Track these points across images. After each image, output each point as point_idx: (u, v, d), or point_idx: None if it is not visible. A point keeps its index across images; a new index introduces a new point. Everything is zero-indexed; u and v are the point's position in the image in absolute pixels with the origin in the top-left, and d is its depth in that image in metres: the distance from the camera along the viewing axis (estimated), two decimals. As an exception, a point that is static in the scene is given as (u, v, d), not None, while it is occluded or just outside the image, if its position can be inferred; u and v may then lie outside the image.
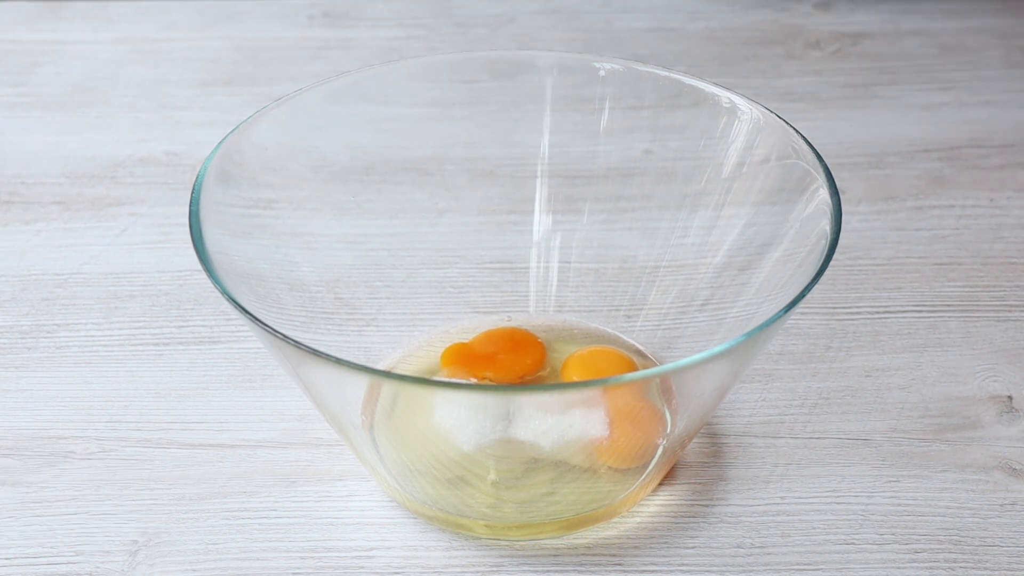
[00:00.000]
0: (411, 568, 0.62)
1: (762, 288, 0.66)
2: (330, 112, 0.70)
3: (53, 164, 0.87)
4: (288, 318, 0.66)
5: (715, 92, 0.69)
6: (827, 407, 0.70)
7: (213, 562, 0.63)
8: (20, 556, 0.63)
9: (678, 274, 0.71)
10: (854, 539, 0.63)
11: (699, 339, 0.69)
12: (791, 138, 0.66)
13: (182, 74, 0.96)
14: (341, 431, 0.63)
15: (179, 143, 0.89)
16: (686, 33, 1.00)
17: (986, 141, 0.89)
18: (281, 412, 0.70)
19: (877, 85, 0.94)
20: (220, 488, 0.66)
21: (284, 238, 0.69)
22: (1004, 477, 0.66)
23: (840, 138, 0.89)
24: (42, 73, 0.96)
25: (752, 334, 0.57)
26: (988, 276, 0.78)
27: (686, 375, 0.59)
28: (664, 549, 0.63)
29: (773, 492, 0.66)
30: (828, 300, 0.76)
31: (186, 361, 0.73)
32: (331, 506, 0.65)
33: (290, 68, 0.97)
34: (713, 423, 0.69)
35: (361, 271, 0.72)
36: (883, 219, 0.82)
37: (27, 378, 0.72)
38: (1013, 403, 0.70)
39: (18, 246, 0.81)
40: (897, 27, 1.00)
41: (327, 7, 1.03)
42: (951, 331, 0.74)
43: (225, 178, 0.65)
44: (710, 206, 0.70)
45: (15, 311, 0.76)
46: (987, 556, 0.63)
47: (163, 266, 0.79)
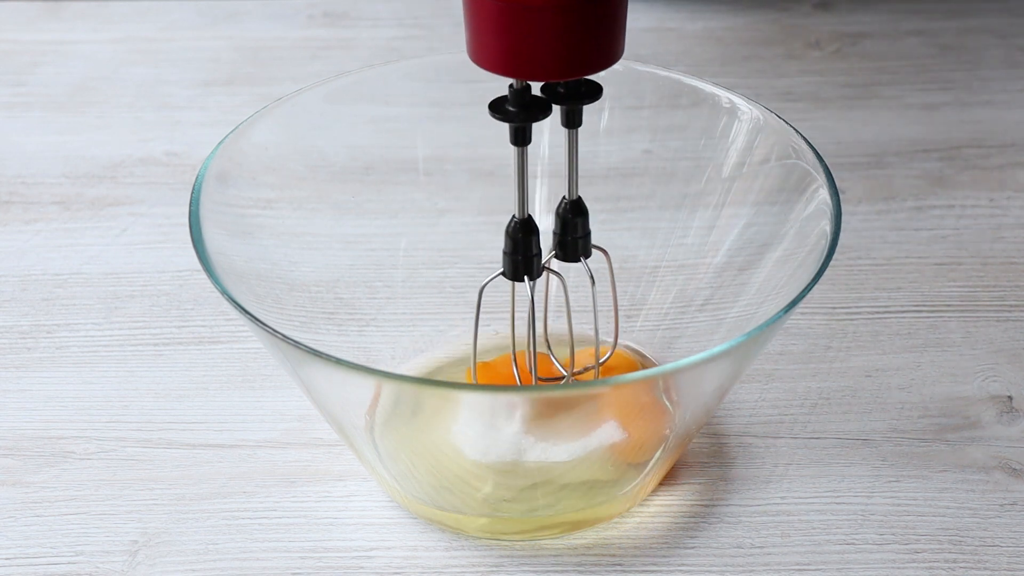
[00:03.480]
0: (411, 568, 0.62)
1: (762, 288, 0.66)
2: (330, 112, 0.70)
3: (53, 164, 0.87)
4: (288, 318, 0.66)
5: (715, 92, 0.69)
6: (827, 407, 0.70)
7: (213, 562, 0.63)
8: (20, 556, 0.63)
9: (678, 274, 0.71)
10: (854, 539, 0.63)
11: (699, 339, 0.69)
12: (791, 138, 0.66)
13: (182, 74, 0.96)
14: (341, 431, 0.63)
15: (179, 143, 0.89)
16: (686, 33, 1.00)
17: (986, 141, 0.89)
18: (281, 412, 0.70)
19: (877, 85, 0.94)
20: (220, 488, 0.66)
21: (284, 238, 0.69)
22: (1004, 477, 0.66)
23: (840, 138, 0.89)
24: (42, 73, 0.96)
25: (752, 334, 0.57)
26: (988, 276, 0.78)
27: (686, 375, 0.59)
28: (664, 549, 0.63)
29: (773, 492, 0.66)
30: (828, 300, 0.76)
31: (186, 361, 0.73)
32: (331, 506, 0.65)
33: (290, 68, 0.97)
34: (713, 423, 0.69)
35: (361, 271, 0.72)
36: (883, 219, 0.82)
37: (27, 378, 0.72)
38: (1013, 403, 0.70)
39: (18, 246, 0.81)
40: (897, 27, 1.00)
41: (327, 7, 1.03)
42: (951, 331, 0.74)
43: (225, 178, 0.65)
44: (710, 206, 0.70)
45: (15, 311, 0.76)
46: (987, 556, 0.63)
47: (163, 266, 0.79)
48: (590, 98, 0.60)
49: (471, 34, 0.57)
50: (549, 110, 0.60)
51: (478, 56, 0.57)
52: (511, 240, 0.62)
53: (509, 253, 0.62)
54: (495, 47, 0.56)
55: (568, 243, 0.63)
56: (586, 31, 0.56)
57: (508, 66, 0.57)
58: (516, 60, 0.57)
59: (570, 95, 0.60)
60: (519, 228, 0.62)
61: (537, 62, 0.56)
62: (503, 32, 0.56)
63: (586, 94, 0.60)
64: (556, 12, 0.55)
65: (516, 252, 0.62)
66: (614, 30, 0.57)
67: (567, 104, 0.60)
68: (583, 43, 0.56)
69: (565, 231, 0.63)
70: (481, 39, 0.57)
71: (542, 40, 0.56)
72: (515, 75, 0.57)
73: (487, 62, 0.57)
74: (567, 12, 0.55)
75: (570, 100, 0.60)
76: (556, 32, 0.56)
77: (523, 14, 0.55)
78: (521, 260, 0.62)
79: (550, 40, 0.56)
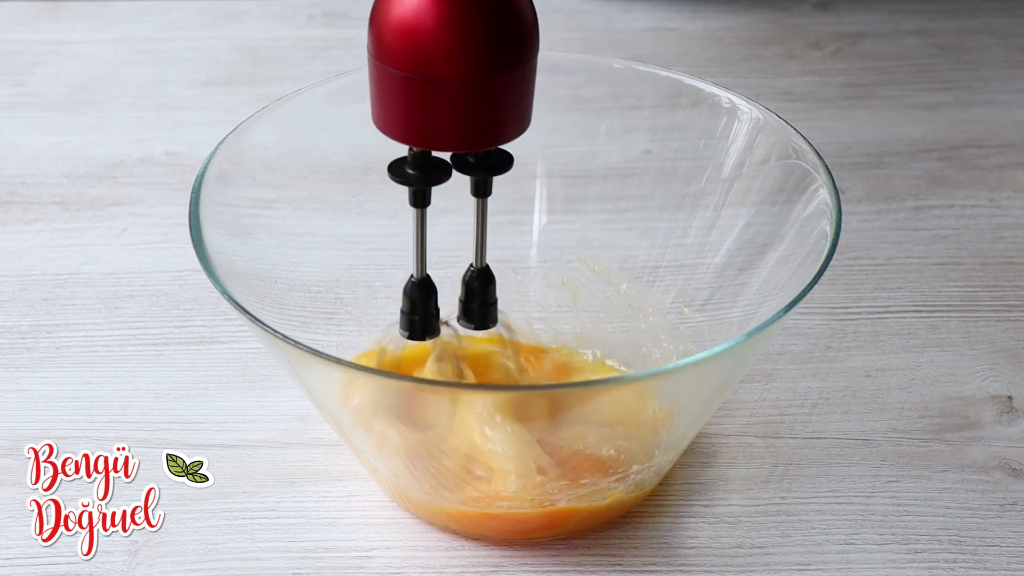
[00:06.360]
0: (411, 568, 0.62)
1: (762, 288, 0.66)
2: (330, 112, 0.70)
3: (53, 164, 0.87)
4: (288, 318, 0.66)
5: (715, 92, 0.69)
6: (827, 407, 0.70)
7: (213, 562, 0.63)
8: (20, 556, 0.63)
9: (678, 274, 0.71)
10: (854, 539, 0.63)
11: (699, 339, 0.69)
12: (791, 138, 0.66)
13: (182, 74, 0.96)
14: (341, 431, 0.63)
15: (179, 143, 0.89)
16: (686, 33, 1.00)
17: (986, 141, 0.89)
18: (281, 412, 0.70)
19: (877, 85, 0.94)
20: (220, 488, 0.66)
21: (284, 238, 0.69)
22: (1004, 477, 0.66)
23: (840, 138, 0.89)
24: (42, 73, 0.96)
25: (752, 334, 0.57)
26: (988, 276, 0.78)
27: (686, 375, 0.59)
28: (664, 549, 0.63)
29: (773, 492, 0.66)
30: (828, 300, 0.76)
31: (186, 361, 0.73)
32: (331, 506, 0.65)
33: (290, 68, 0.97)
34: (713, 423, 0.69)
35: (361, 271, 0.72)
36: (883, 219, 0.82)
37: (27, 378, 0.72)
38: (1013, 403, 0.70)
39: (18, 246, 0.81)
40: (897, 27, 1.00)
41: (327, 7, 1.03)
42: (951, 331, 0.74)
43: (225, 178, 0.65)
44: (710, 206, 0.70)
45: (15, 311, 0.76)
46: (987, 556, 0.63)
47: (163, 266, 0.79)
48: (499, 169, 0.59)
49: (375, 101, 0.56)
50: (450, 173, 0.59)
51: (382, 123, 0.57)
52: (408, 299, 0.62)
53: (407, 312, 0.62)
54: (399, 116, 0.56)
55: (473, 310, 0.63)
56: (492, 103, 0.55)
57: (412, 135, 0.56)
58: (420, 130, 0.56)
59: (479, 165, 0.59)
60: (416, 287, 0.61)
61: (441, 133, 0.56)
62: (407, 101, 0.55)
63: (496, 165, 0.59)
64: (461, 84, 0.54)
65: (414, 312, 0.62)
66: (521, 103, 0.56)
67: (475, 174, 0.60)
68: (489, 115, 0.56)
69: (470, 298, 0.63)
70: (385, 107, 0.56)
71: (447, 111, 0.55)
72: (419, 145, 0.57)
73: (392, 130, 0.56)
74: (472, 83, 0.54)
75: (479, 171, 0.59)
76: (461, 104, 0.55)
77: (427, 85, 0.54)
78: (419, 320, 0.62)
79: (455, 112, 0.55)
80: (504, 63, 0.55)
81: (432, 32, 0.54)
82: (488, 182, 0.60)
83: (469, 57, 0.54)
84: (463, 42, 0.54)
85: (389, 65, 0.55)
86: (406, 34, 0.54)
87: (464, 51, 0.54)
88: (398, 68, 0.55)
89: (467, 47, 0.54)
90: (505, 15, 0.55)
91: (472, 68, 0.54)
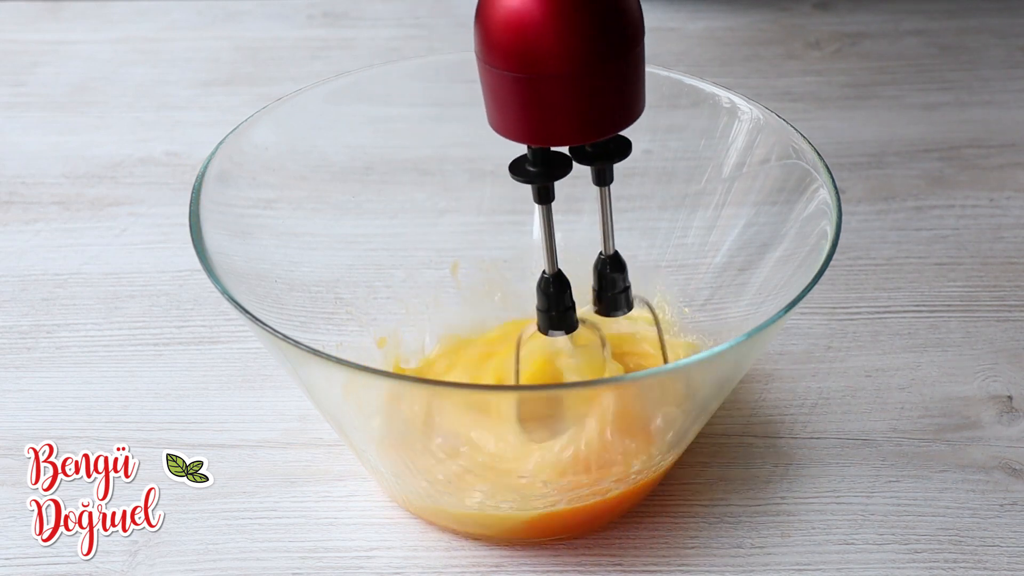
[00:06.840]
0: (411, 568, 0.62)
1: (762, 288, 0.66)
2: (330, 112, 0.70)
3: (53, 164, 0.87)
4: (288, 318, 0.66)
5: (715, 92, 0.69)
6: (827, 407, 0.70)
7: (213, 562, 0.63)
8: (20, 556, 0.63)
9: (678, 274, 0.71)
10: (854, 539, 0.63)
11: (699, 339, 0.69)
12: (791, 138, 0.66)
13: (182, 74, 0.96)
14: (341, 431, 0.63)
15: (179, 143, 0.89)
16: (686, 33, 1.00)
17: (986, 141, 0.89)
18: (281, 412, 0.70)
19: (877, 85, 0.94)
20: (220, 488, 0.66)
21: (284, 238, 0.69)
22: (1004, 477, 0.66)
23: (840, 138, 0.89)
24: (42, 73, 0.96)
25: (752, 334, 0.57)
26: (988, 276, 0.78)
27: (685, 375, 0.59)
28: (664, 549, 0.63)
29: (773, 492, 0.66)
30: (828, 300, 0.76)
31: (186, 361, 0.73)
32: (331, 506, 0.65)
33: (290, 68, 0.97)
34: (713, 423, 0.69)
35: (361, 271, 0.72)
36: (883, 219, 0.82)
37: (27, 378, 0.72)
38: (1013, 403, 0.70)
39: (18, 246, 0.81)
40: (897, 27, 1.00)
41: (327, 7, 1.03)
42: (951, 331, 0.74)
43: (225, 178, 0.65)
44: (710, 206, 0.70)
45: (15, 311, 0.76)
46: (987, 556, 0.63)
47: (163, 266, 0.79)
48: (619, 156, 0.59)
49: (490, 105, 0.57)
50: (570, 166, 0.59)
51: (499, 126, 0.57)
52: (543, 296, 0.62)
53: (543, 310, 0.62)
54: (514, 117, 0.56)
55: (608, 298, 0.63)
56: (605, 92, 0.55)
57: (530, 134, 0.56)
58: (538, 128, 0.56)
59: (598, 154, 0.59)
60: (550, 283, 0.61)
61: (557, 128, 0.56)
62: (520, 101, 0.55)
63: (615, 152, 0.59)
64: (573, 78, 0.55)
65: (549, 308, 0.62)
66: (633, 88, 0.56)
67: (595, 164, 0.60)
68: (603, 104, 0.56)
69: (603, 286, 0.63)
70: (500, 109, 0.56)
71: (561, 106, 0.55)
72: (538, 143, 0.57)
73: (509, 131, 0.57)
74: (583, 76, 0.55)
75: (598, 159, 0.59)
76: (575, 97, 0.55)
77: (540, 83, 0.55)
78: (555, 315, 0.62)
79: (570, 106, 0.55)
80: (614, 52, 0.55)
81: (539, 30, 0.54)
82: (609, 170, 0.60)
83: (578, 51, 0.54)
84: (571, 37, 0.54)
85: (499, 68, 0.55)
86: (513, 35, 0.54)
87: (573, 45, 0.54)
88: (508, 70, 0.55)
89: (575, 41, 0.54)
90: (610, 4, 0.55)
91: (582, 61, 0.54)
